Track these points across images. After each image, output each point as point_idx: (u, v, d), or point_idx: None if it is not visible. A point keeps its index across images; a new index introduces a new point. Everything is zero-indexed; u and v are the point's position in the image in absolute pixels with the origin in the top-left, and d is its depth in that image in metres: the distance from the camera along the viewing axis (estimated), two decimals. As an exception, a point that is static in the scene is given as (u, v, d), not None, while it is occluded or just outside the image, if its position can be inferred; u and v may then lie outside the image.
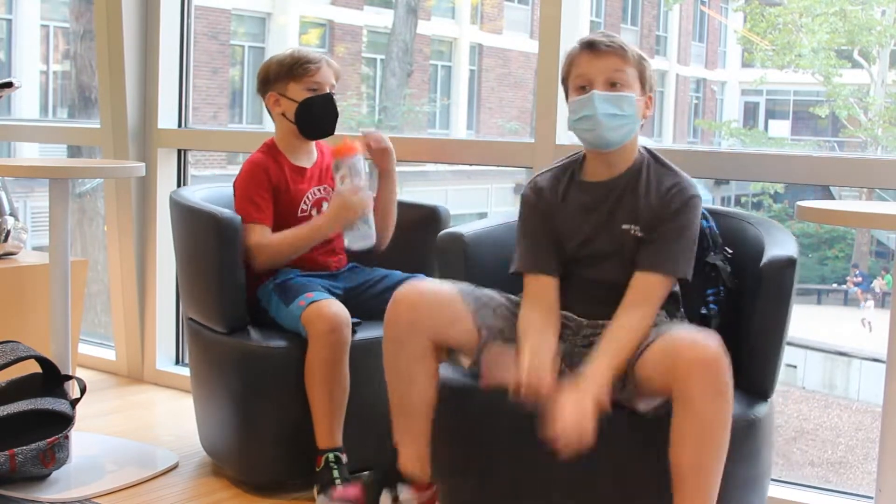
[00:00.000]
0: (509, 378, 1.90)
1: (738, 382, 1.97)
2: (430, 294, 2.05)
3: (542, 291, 2.06)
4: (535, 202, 2.12)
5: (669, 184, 2.03)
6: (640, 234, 2.01)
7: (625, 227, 2.02)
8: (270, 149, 2.71)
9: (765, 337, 1.99)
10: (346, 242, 2.60)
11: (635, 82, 2.01)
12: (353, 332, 2.51)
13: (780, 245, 2.06)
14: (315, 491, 2.47)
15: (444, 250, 2.27)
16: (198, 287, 2.69)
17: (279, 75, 2.66)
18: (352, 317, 2.50)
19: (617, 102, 1.99)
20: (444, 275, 2.26)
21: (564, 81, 2.11)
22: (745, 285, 2.10)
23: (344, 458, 2.48)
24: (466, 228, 2.30)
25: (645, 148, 2.11)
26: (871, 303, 10.31)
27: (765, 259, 1.99)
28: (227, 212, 2.56)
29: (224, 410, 2.62)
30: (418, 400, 2.05)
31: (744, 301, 2.09)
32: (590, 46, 2.00)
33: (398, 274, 2.72)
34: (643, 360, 1.90)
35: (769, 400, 2.02)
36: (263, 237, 2.59)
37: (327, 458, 2.45)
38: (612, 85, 1.99)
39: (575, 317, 2.09)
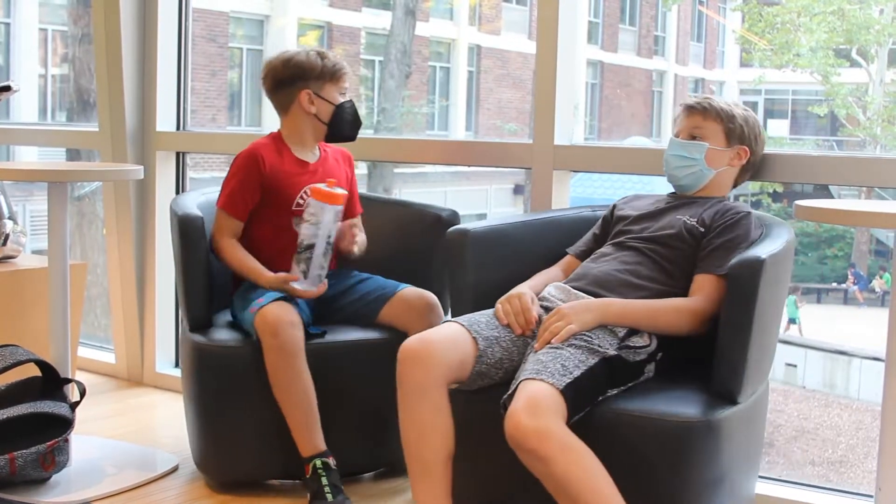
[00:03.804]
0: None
1: (707, 385, 2.02)
2: (438, 342, 2.05)
3: (565, 265, 2.40)
4: (614, 205, 2.45)
5: (727, 203, 2.32)
6: (692, 222, 2.24)
7: (679, 216, 2.27)
8: (275, 139, 2.69)
9: (729, 339, 1.98)
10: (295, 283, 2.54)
11: (716, 136, 2.33)
12: (317, 334, 2.51)
13: (766, 244, 2.07)
14: (308, 499, 2.44)
15: (451, 246, 2.28)
16: (178, 285, 2.75)
17: (315, 74, 2.63)
18: (326, 324, 2.52)
19: (686, 147, 2.33)
20: (450, 270, 2.27)
21: None
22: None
23: (332, 461, 2.44)
24: (473, 225, 2.31)
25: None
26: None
27: (734, 260, 1.99)
28: (193, 212, 2.59)
29: (189, 408, 2.65)
30: (442, 453, 2.02)
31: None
32: (683, 107, 2.39)
33: (378, 279, 2.71)
34: None
35: (738, 403, 2.00)
36: (224, 236, 2.61)
37: (314, 465, 2.42)
38: (693, 137, 2.34)
39: (569, 289, 2.21)
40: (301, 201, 2.64)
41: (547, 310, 2.16)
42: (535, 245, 2.44)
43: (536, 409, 1.85)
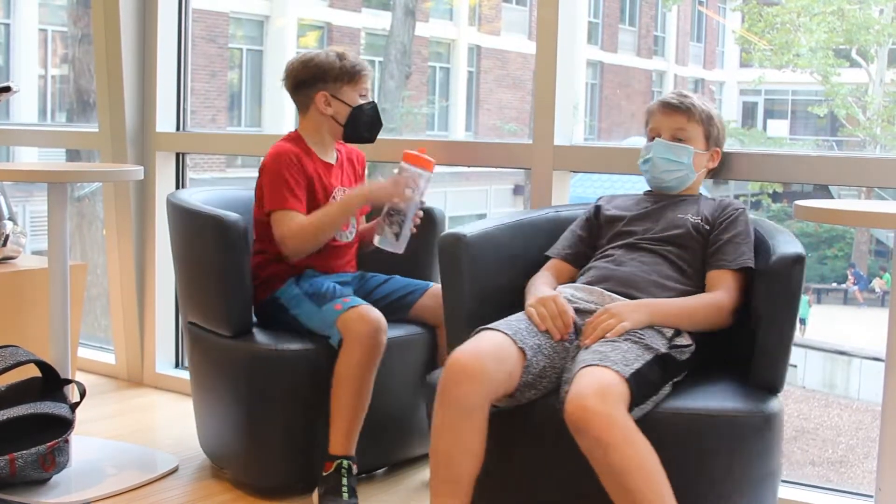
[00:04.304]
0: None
1: (748, 379, 2.05)
2: (488, 355, 1.93)
3: (554, 269, 2.34)
4: (594, 206, 2.42)
5: (720, 199, 2.33)
6: (696, 220, 2.24)
7: (681, 215, 2.26)
8: (298, 141, 2.66)
9: (775, 332, 2.01)
10: (377, 241, 2.57)
11: (698, 138, 2.33)
12: None
13: (787, 244, 2.10)
14: (316, 493, 2.46)
15: (445, 251, 2.26)
16: (201, 291, 2.67)
17: (333, 76, 2.62)
18: None
19: (674, 151, 2.32)
20: (445, 276, 2.26)
21: (647, 131, 2.43)
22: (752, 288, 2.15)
23: (355, 468, 2.46)
24: (467, 229, 2.28)
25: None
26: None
27: (775, 256, 2.02)
28: (233, 215, 2.52)
29: (229, 414, 2.61)
30: (472, 473, 1.91)
31: (751, 302, 2.14)
32: (663, 104, 2.35)
33: (399, 278, 2.73)
34: None
35: (778, 395, 2.04)
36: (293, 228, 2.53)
37: (340, 463, 2.43)
38: (677, 139, 2.32)
39: (601, 291, 2.17)
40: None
41: (577, 311, 2.12)
42: (532, 246, 2.42)
43: (605, 394, 1.79)
